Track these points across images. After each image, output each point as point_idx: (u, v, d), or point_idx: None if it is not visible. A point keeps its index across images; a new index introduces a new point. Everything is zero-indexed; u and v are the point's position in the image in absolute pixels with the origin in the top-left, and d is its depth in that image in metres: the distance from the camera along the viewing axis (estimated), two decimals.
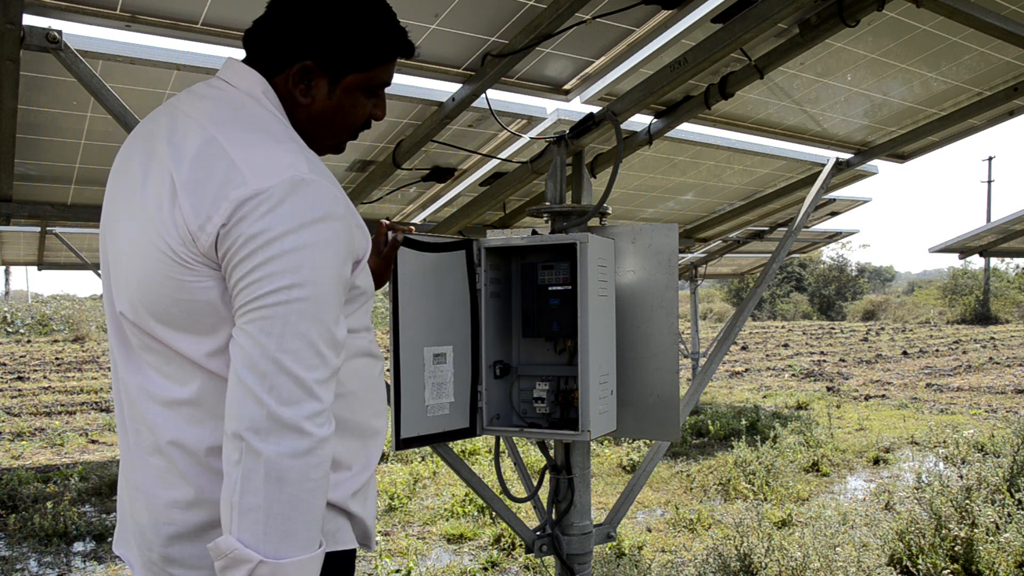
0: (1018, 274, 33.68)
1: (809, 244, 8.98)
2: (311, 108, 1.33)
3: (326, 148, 1.41)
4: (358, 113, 1.37)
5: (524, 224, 3.94)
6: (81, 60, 1.89)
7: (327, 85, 1.32)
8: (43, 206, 2.90)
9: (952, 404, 10.64)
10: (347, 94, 1.34)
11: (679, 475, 6.64)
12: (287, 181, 1.15)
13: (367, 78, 1.34)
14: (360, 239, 1.28)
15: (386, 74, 1.38)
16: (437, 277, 2.12)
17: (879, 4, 1.96)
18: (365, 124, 1.42)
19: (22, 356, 17.44)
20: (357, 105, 1.36)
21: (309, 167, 1.19)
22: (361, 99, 1.36)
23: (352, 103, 1.35)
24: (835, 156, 3.44)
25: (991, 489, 4.94)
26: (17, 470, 6.72)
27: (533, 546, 2.43)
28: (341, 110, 1.35)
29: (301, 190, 1.15)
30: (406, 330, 2.05)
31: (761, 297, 4.69)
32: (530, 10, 2.04)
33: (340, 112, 1.35)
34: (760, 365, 15.68)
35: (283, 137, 1.24)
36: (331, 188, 1.20)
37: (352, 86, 1.33)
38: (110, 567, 4.63)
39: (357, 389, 1.36)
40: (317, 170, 1.21)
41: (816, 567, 3.71)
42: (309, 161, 1.21)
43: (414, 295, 2.06)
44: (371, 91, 1.37)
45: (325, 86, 1.32)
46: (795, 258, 26.35)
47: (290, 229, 1.13)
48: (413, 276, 2.05)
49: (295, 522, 1.12)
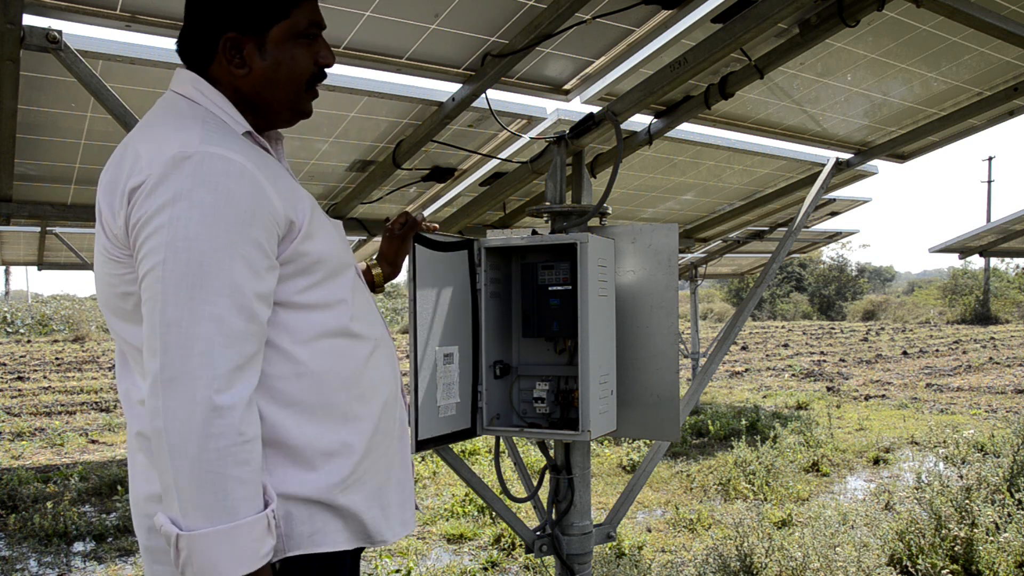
0: (1018, 274, 33.67)
1: (809, 244, 8.98)
2: (252, 77, 1.34)
3: (288, 112, 1.40)
4: (299, 63, 1.36)
5: (524, 224, 3.94)
6: (81, 60, 1.89)
7: (256, 48, 1.33)
8: (43, 206, 2.90)
9: (952, 404, 10.64)
10: (279, 48, 1.34)
11: (679, 475, 6.64)
12: (168, 160, 1.18)
13: (290, 25, 1.34)
14: (282, 203, 1.25)
15: (307, 13, 1.36)
16: (446, 277, 2.12)
17: (879, 4, 1.96)
18: (318, 75, 1.41)
19: (22, 356, 17.44)
20: (295, 56, 1.35)
21: (204, 140, 1.21)
22: (296, 49, 1.35)
23: (288, 55, 1.35)
24: (835, 156, 3.44)
25: (991, 489, 4.94)
26: (17, 470, 6.72)
27: (533, 546, 2.43)
28: (280, 65, 1.34)
29: (181, 165, 1.17)
30: (422, 330, 2.05)
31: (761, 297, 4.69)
32: (530, 10, 2.04)
33: (280, 67, 1.34)
34: (760, 365, 15.68)
35: (189, 121, 1.26)
36: (225, 156, 1.20)
37: (280, 38, 1.33)
38: (110, 567, 4.63)
39: (324, 370, 1.30)
40: (216, 142, 1.22)
41: (816, 567, 3.70)
42: (208, 136, 1.22)
43: (429, 295, 2.06)
44: (302, 36, 1.35)
45: (255, 49, 1.33)
46: (795, 258, 26.35)
47: (164, 204, 1.16)
48: (428, 275, 2.05)
49: (203, 492, 1.11)
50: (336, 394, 1.32)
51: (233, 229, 1.17)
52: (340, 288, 1.36)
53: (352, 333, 1.36)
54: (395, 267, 1.94)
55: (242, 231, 1.18)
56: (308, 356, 1.29)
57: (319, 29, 1.38)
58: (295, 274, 1.28)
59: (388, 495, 1.40)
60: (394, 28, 2.05)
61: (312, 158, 2.86)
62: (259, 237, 1.20)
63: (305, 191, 1.38)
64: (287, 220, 1.26)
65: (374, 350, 1.40)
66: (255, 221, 1.20)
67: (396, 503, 1.42)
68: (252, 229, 1.19)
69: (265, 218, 1.21)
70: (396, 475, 1.44)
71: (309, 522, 1.27)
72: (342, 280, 1.37)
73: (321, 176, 3.05)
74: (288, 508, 1.26)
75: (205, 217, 1.15)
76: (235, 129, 1.31)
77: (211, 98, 1.32)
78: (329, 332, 1.32)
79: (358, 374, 1.36)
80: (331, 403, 1.31)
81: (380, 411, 1.39)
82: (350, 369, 1.34)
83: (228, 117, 1.32)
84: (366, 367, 1.38)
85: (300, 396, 1.27)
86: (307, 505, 1.27)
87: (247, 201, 1.19)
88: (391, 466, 1.42)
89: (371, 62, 2.21)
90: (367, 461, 1.35)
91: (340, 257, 1.38)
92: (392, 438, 1.44)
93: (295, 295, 1.29)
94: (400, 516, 1.44)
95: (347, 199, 3.22)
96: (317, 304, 1.31)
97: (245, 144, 1.29)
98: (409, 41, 2.13)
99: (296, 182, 1.39)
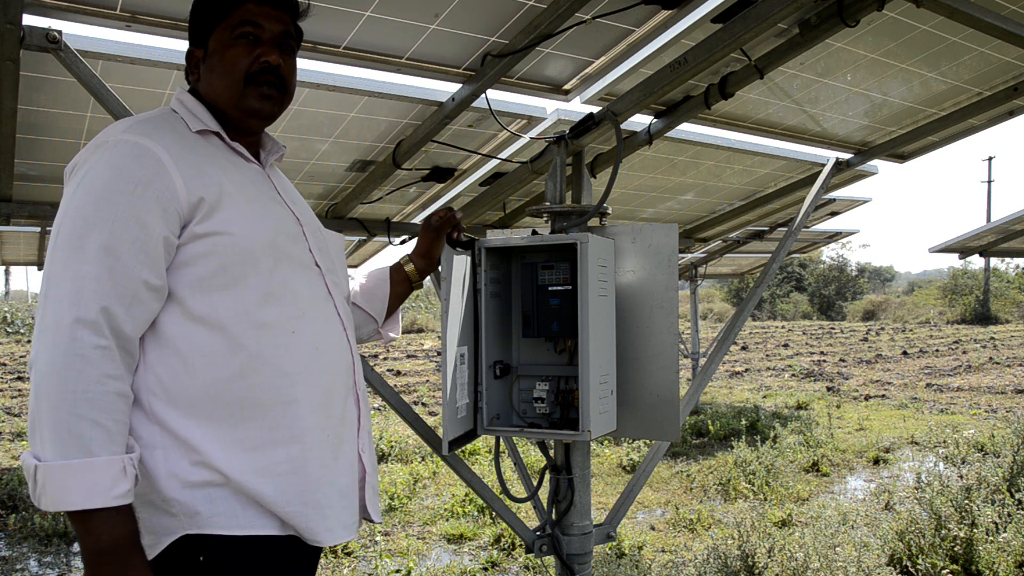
0: (1018, 274, 33.67)
1: (809, 244, 8.97)
2: (202, 82, 1.51)
3: (234, 111, 1.49)
4: (231, 58, 1.46)
5: (524, 224, 3.94)
6: (81, 60, 1.89)
7: (203, 56, 1.50)
8: (43, 206, 2.89)
9: (952, 404, 10.64)
10: (216, 51, 1.48)
11: (679, 475, 6.64)
12: (92, 147, 1.35)
13: (222, 29, 1.47)
14: (184, 188, 1.34)
15: (241, 15, 1.46)
16: (460, 277, 2.12)
17: (879, 4, 1.96)
18: (262, 71, 1.47)
19: (22, 356, 17.43)
20: (227, 54, 1.46)
21: (127, 131, 1.35)
22: (231, 49, 1.46)
23: (221, 53, 1.47)
24: (835, 156, 3.44)
25: (991, 489, 4.94)
26: (17, 470, 6.72)
27: (533, 546, 2.43)
28: (216, 62, 1.47)
29: (97, 150, 1.34)
30: (452, 331, 2.05)
31: (761, 297, 4.69)
32: (530, 10, 2.04)
33: (214, 67, 1.48)
34: (760, 365, 15.68)
35: (141, 118, 1.42)
36: (136, 142, 1.33)
37: (216, 42, 1.48)
38: None
39: (197, 357, 1.34)
40: (139, 131, 1.35)
41: (816, 567, 3.70)
42: (134, 127, 1.36)
43: (455, 295, 2.07)
44: (238, 37, 1.46)
45: (202, 57, 1.51)
46: (795, 258, 26.35)
47: (71, 187, 1.32)
48: (454, 276, 2.05)
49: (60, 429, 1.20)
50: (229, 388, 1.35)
51: (117, 200, 1.29)
52: (248, 276, 1.39)
53: (261, 323, 1.38)
54: (430, 261, 1.95)
55: (126, 201, 1.29)
56: (185, 345, 1.35)
57: (254, 28, 1.47)
58: (197, 258, 1.35)
59: (303, 486, 1.41)
60: (394, 28, 2.05)
61: (312, 158, 2.86)
62: (143, 208, 1.30)
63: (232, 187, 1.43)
64: (181, 204, 1.34)
65: (290, 343, 1.41)
66: (144, 193, 1.30)
67: (329, 503, 1.43)
68: (138, 200, 1.30)
69: (156, 193, 1.31)
70: (324, 471, 1.44)
71: (209, 505, 1.33)
72: (253, 269, 1.39)
73: (321, 176, 3.05)
74: (186, 490, 1.32)
75: (95, 190, 1.29)
76: (191, 127, 1.45)
77: (185, 104, 1.49)
78: (205, 320, 1.35)
79: (250, 370, 1.37)
80: (212, 393, 1.34)
81: (301, 405, 1.40)
82: (235, 366, 1.36)
83: (191, 117, 1.47)
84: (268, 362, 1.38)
85: (167, 383, 1.34)
86: (203, 488, 1.33)
87: (138, 175, 1.31)
88: (318, 462, 1.43)
89: (371, 62, 2.21)
90: (280, 446, 1.38)
91: (255, 243, 1.40)
92: (325, 434, 1.45)
93: (194, 283, 1.35)
94: (341, 519, 1.45)
95: (347, 199, 3.22)
96: (213, 291, 1.36)
97: (185, 138, 1.41)
98: (409, 41, 2.13)
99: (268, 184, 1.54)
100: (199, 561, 1.33)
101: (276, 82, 1.49)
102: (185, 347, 1.34)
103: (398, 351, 18.51)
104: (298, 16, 1.56)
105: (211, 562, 1.33)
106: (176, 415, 1.32)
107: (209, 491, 1.33)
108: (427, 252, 1.94)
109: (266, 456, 1.37)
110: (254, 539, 1.36)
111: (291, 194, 1.61)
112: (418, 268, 1.93)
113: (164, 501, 1.31)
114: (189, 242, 1.35)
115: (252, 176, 1.51)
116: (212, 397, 1.34)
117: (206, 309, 1.35)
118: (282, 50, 1.51)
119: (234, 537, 1.34)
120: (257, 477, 1.35)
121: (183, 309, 1.35)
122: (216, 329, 1.35)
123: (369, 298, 1.84)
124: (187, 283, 1.35)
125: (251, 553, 1.36)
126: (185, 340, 1.34)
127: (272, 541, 1.38)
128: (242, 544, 1.35)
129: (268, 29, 1.48)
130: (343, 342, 1.54)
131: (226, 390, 1.35)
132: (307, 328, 1.45)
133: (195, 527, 1.32)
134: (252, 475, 1.35)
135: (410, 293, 1.95)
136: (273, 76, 1.48)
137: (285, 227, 1.49)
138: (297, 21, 1.56)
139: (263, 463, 1.36)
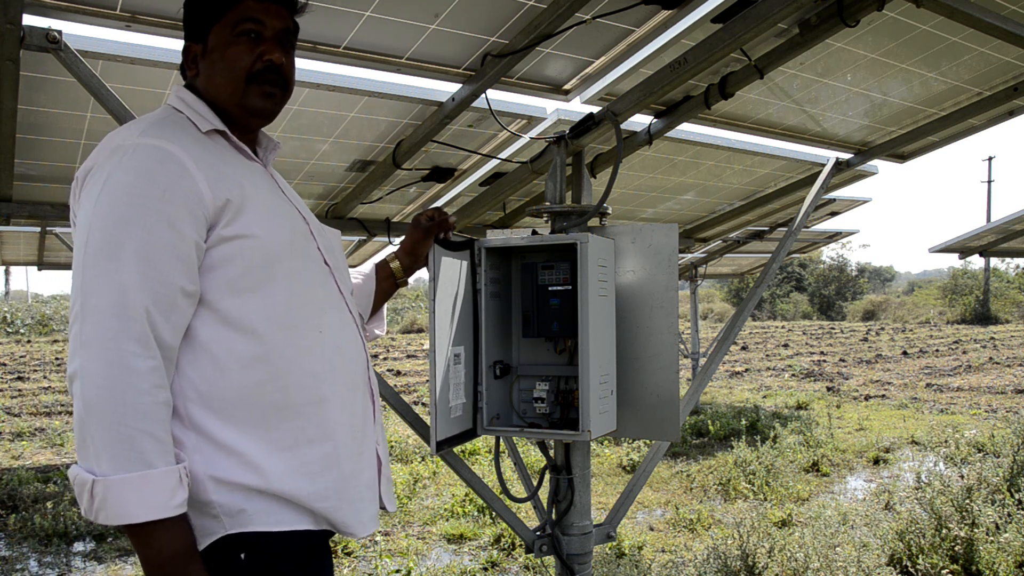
0: (1018, 274, 33.66)
1: (809, 244, 8.98)
2: (201, 78, 1.47)
3: (236, 108, 1.47)
4: (233, 55, 1.44)
5: (524, 224, 3.94)
6: (81, 60, 1.89)
7: (201, 51, 1.47)
8: (43, 206, 2.89)
9: (952, 404, 10.64)
10: (216, 48, 1.45)
11: (679, 475, 6.64)
12: (108, 151, 1.32)
13: (222, 26, 1.44)
14: (209, 191, 1.33)
15: (242, 12, 1.44)
16: (455, 277, 2.12)
17: (879, 4, 1.96)
18: (265, 70, 1.46)
19: (22, 356, 17.43)
20: (228, 51, 1.44)
21: (143, 134, 1.32)
22: (232, 47, 1.44)
23: (222, 50, 1.44)
24: (835, 156, 3.44)
25: (991, 489, 4.94)
26: (17, 470, 6.72)
27: (533, 546, 2.43)
28: (216, 59, 1.45)
29: (115, 154, 1.31)
30: (441, 330, 2.04)
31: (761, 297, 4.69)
32: (530, 10, 2.04)
33: (219, 61, 1.45)
34: (760, 365, 15.68)
35: (150, 119, 1.39)
36: (156, 145, 1.31)
37: (217, 39, 1.45)
38: (110, 567, 4.63)
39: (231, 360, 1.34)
40: (155, 134, 1.33)
41: (816, 567, 3.70)
42: (150, 130, 1.34)
43: (445, 295, 2.06)
44: (239, 34, 1.44)
45: (200, 53, 1.47)
46: (795, 258, 26.35)
47: (94, 187, 1.29)
48: (445, 275, 2.05)
49: (116, 443, 1.19)
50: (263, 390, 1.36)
51: (147, 205, 1.27)
52: (275, 277, 1.39)
53: (290, 325, 1.39)
54: (415, 258, 1.95)
55: (156, 207, 1.27)
56: (230, 351, 1.34)
57: (255, 24, 1.45)
58: (224, 261, 1.34)
59: (350, 487, 1.44)
60: (394, 28, 2.05)
61: (312, 158, 2.86)
62: (174, 214, 1.28)
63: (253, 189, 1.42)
64: (208, 208, 1.33)
65: (317, 343, 1.43)
66: (172, 199, 1.28)
67: (360, 497, 1.46)
68: (167, 206, 1.28)
69: (184, 198, 1.30)
70: (354, 466, 1.46)
71: (248, 504, 1.33)
72: (279, 270, 1.40)
73: (321, 176, 3.05)
74: (225, 491, 1.32)
75: (122, 196, 1.27)
76: (200, 127, 1.42)
77: (187, 102, 1.46)
78: (230, 323, 1.35)
79: (283, 372, 1.38)
80: (257, 401, 1.35)
81: (330, 404, 1.42)
82: (269, 369, 1.37)
83: (198, 117, 1.44)
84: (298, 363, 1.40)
85: (223, 395, 1.33)
86: (223, 487, 1.33)
87: (164, 179, 1.29)
88: (348, 458, 1.45)
89: (371, 62, 2.21)
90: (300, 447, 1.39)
91: (278, 244, 1.41)
92: (352, 431, 1.47)
93: (223, 286, 1.35)
94: (369, 511, 1.48)
95: (347, 199, 3.21)
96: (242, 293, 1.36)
97: (198, 139, 1.39)
98: (409, 41, 2.13)
99: (273, 182, 1.52)
100: (240, 559, 1.33)
101: (279, 80, 1.49)
102: (218, 351, 1.33)
103: (398, 351, 18.51)
104: (296, 11, 1.56)
105: (252, 559, 1.34)
106: (212, 419, 1.32)
107: (248, 491, 1.33)
108: (412, 250, 1.94)
109: (301, 455, 1.38)
110: (292, 534, 1.38)
111: (291, 192, 1.61)
112: (403, 265, 1.93)
113: (204, 503, 1.31)
114: (216, 245, 1.34)
115: (259, 175, 1.51)
116: (246, 399, 1.34)
117: (237, 313, 1.34)
118: (283, 47, 1.50)
119: (274, 533, 1.35)
120: (294, 476, 1.36)
121: (214, 313, 1.34)
122: (248, 332, 1.35)
123: (355, 295, 1.84)
124: (216, 287, 1.34)
125: (290, 548, 1.38)
126: (218, 344, 1.33)
127: (308, 535, 1.40)
128: (281, 540, 1.37)
129: (269, 26, 1.46)
130: (357, 339, 1.56)
131: (260, 392, 1.35)
132: (329, 327, 1.46)
133: (235, 527, 1.33)
134: (289, 474, 1.36)
135: (395, 290, 1.96)
136: (276, 75, 1.48)
137: (298, 226, 1.49)
138: (295, 16, 1.56)
139: (299, 462, 1.37)
